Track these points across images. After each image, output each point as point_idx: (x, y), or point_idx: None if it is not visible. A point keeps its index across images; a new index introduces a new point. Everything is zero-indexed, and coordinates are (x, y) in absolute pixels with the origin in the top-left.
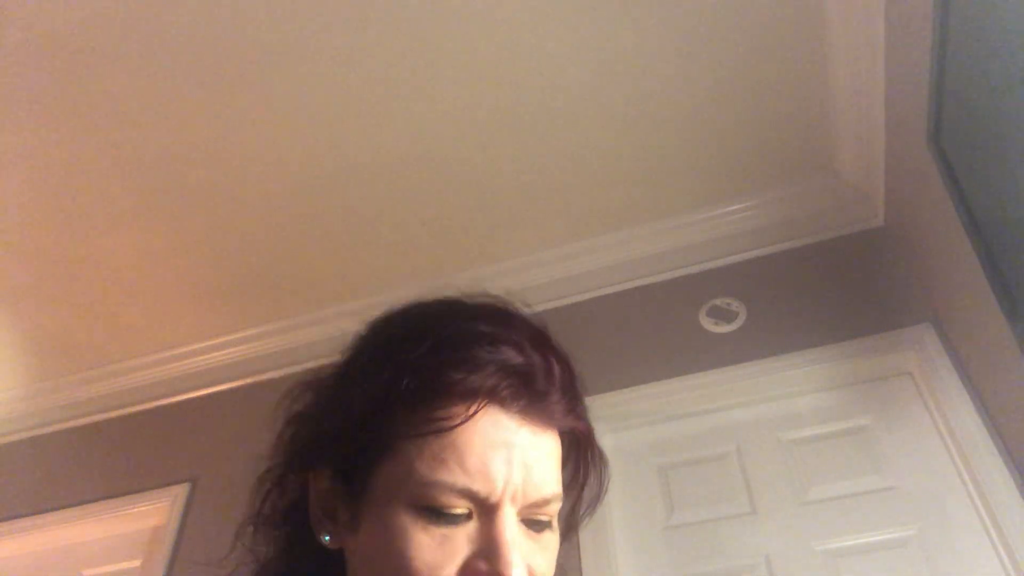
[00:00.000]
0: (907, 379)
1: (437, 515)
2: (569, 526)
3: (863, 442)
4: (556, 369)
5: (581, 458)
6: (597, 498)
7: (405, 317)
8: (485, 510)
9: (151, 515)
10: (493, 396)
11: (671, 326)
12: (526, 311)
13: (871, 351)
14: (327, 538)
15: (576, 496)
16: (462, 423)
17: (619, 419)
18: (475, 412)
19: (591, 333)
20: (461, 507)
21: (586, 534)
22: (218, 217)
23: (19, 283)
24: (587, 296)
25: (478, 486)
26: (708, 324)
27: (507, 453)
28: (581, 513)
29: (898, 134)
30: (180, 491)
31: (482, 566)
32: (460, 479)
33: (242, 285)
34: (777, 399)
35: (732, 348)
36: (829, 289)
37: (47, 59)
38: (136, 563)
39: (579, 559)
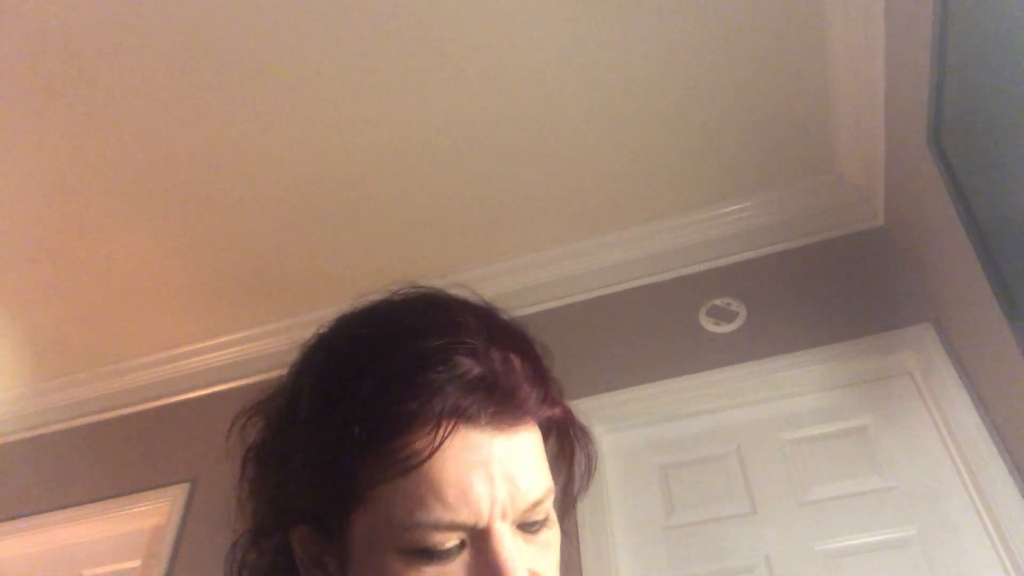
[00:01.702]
0: (907, 379)
1: (428, 555)
2: (565, 507)
3: (863, 442)
4: (516, 362)
5: (564, 439)
6: (589, 473)
7: (340, 345)
8: (476, 536)
9: (151, 515)
10: (457, 416)
11: (671, 326)
12: (465, 295)
13: (871, 351)
14: None
15: (566, 476)
16: (430, 455)
17: (619, 419)
18: (441, 439)
19: (591, 333)
20: (451, 540)
21: (586, 534)
22: (218, 217)
23: (19, 283)
24: (587, 296)
25: (463, 516)
26: (708, 324)
27: (485, 471)
28: (575, 492)
29: (898, 134)
30: (180, 491)
31: None
32: (442, 514)
33: (242, 285)
34: (777, 399)
35: (732, 348)
36: (829, 289)
37: (47, 59)
38: (136, 563)
39: (579, 559)
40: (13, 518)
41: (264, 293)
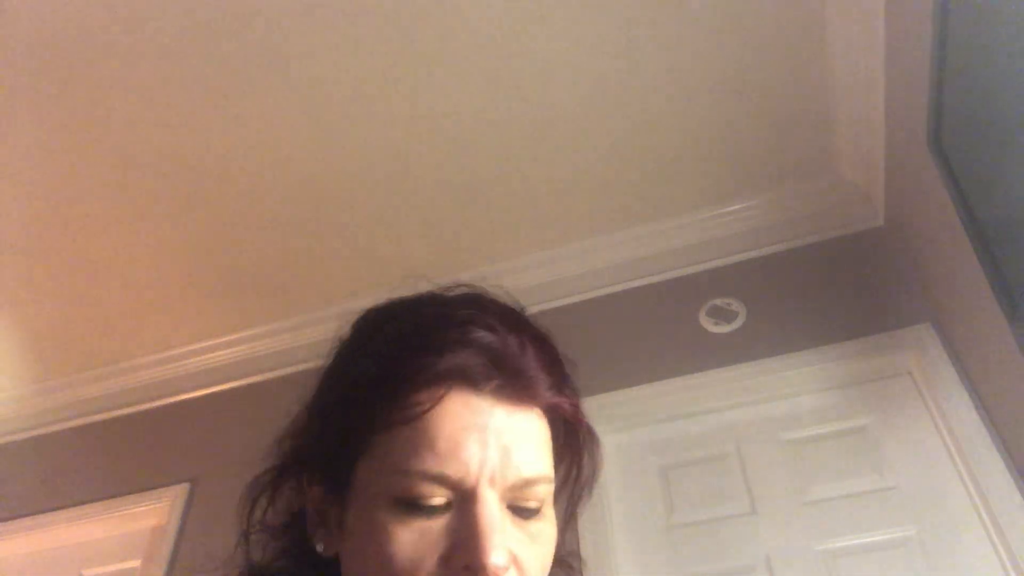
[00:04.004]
0: (907, 379)
1: (414, 507)
2: (567, 514)
3: (863, 442)
4: (531, 348)
5: (571, 438)
6: (591, 480)
7: (378, 312)
8: (462, 496)
9: (151, 515)
10: (462, 377)
11: (671, 326)
12: (502, 296)
13: (871, 351)
14: (321, 546)
15: (571, 481)
16: (431, 408)
17: (619, 419)
18: (443, 395)
19: (591, 333)
20: (438, 497)
21: (586, 534)
22: (218, 217)
23: (19, 283)
24: (587, 296)
25: (451, 469)
26: (708, 324)
27: (480, 435)
28: (576, 496)
29: (898, 134)
30: (180, 491)
31: (461, 555)
32: (431, 464)
33: (242, 285)
34: (777, 399)
35: (732, 348)
36: (829, 289)
37: (47, 60)
38: (136, 563)
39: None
40: (13, 518)
41: (264, 293)
